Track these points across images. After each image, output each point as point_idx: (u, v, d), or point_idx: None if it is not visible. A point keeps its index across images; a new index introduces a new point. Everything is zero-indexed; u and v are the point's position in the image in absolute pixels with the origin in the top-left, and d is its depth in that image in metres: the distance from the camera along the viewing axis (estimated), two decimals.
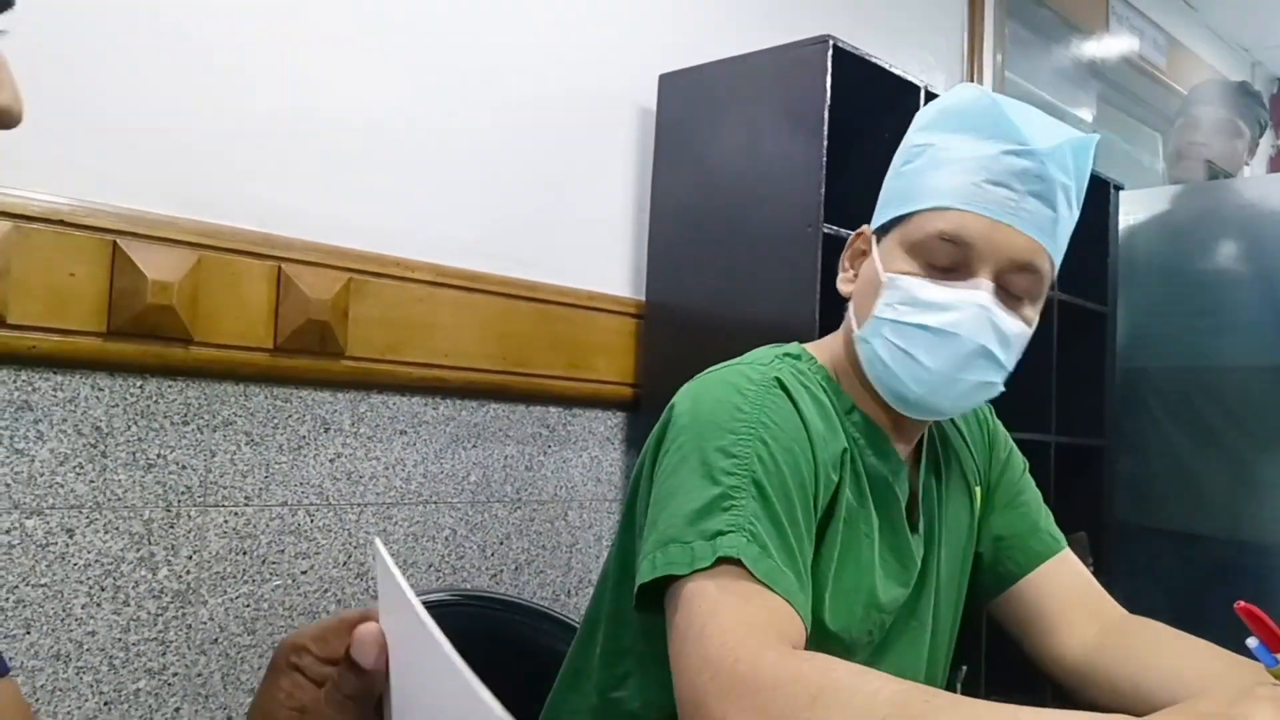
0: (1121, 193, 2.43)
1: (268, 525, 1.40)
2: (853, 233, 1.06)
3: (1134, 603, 1.12)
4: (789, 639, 0.80)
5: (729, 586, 0.80)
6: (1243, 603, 0.74)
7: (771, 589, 0.80)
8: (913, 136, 1.01)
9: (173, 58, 1.33)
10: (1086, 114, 3.59)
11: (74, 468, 1.23)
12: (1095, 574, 2.34)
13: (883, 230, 1.00)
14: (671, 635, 0.81)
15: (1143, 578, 2.50)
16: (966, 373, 0.95)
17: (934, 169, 0.95)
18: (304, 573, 1.44)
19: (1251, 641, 0.75)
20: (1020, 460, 1.22)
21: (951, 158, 0.95)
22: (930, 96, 1.82)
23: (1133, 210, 2.56)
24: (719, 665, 0.75)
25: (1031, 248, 0.93)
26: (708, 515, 0.83)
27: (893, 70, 1.77)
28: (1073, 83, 3.52)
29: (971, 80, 2.85)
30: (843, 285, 1.05)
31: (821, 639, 0.92)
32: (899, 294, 0.95)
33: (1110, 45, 3.62)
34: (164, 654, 1.30)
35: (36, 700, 1.20)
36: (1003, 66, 2.99)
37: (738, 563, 0.80)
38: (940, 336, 0.93)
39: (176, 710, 1.31)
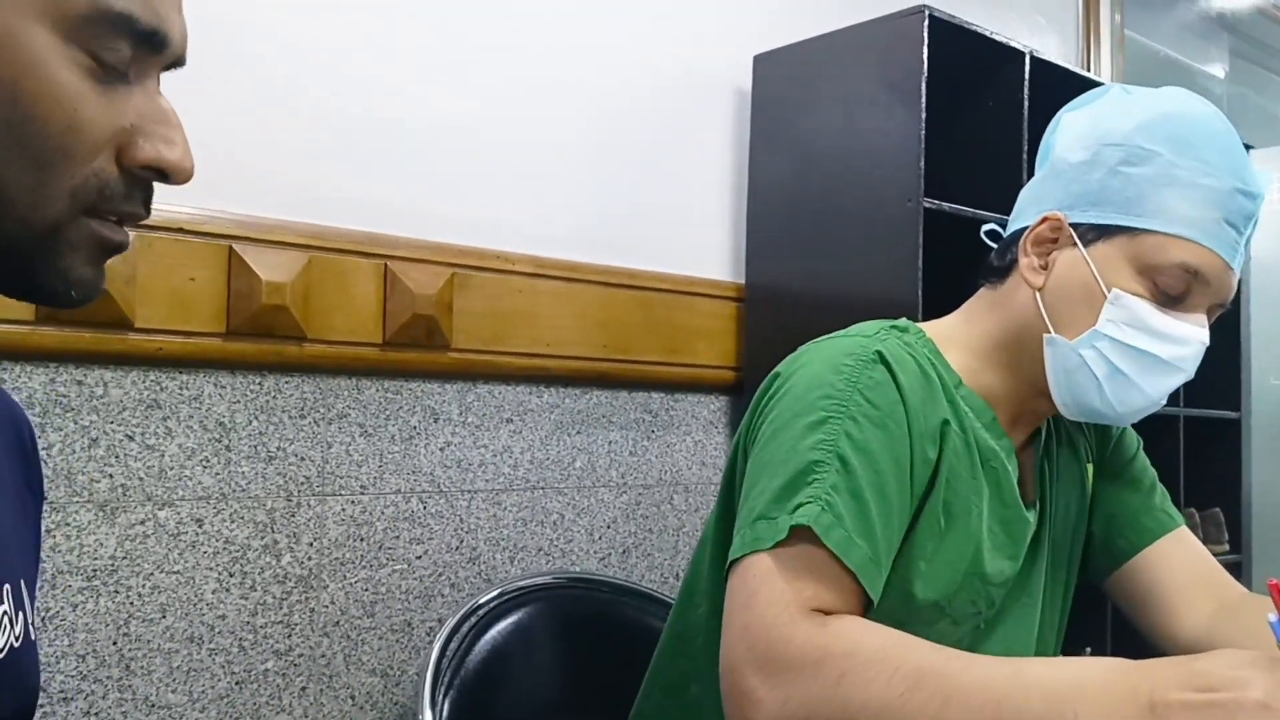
0: (1252, 152, 2.31)
1: (383, 512, 1.46)
2: (1039, 220, 0.98)
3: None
4: (843, 612, 0.82)
5: (793, 557, 0.82)
6: (1275, 580, 0.76)
7: (842, 560, 0.82)
8: (1134, 136, 0.95)
9: (279, 69, 1.39)
10: (1218, 70, 3.41)
11: (201, 461, 1.31)
12: (1230, 552, 2.24)
13: (1096, 231, 0.95)
14: (726, 599, 0.85)
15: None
16: (1165, 398, 0.98)
17: (1170, 188, 0.93)
18: (419, 558, 1.49)
19: (1271, 616, 0.77)
20: (1134, 437, 1.19)
21: (1187, 180, 0.93)
22: (1036, 62, 1.76)
23: (1263, 169, 2.42)
24: (755, 637, 0.79)
25: (1234, 288, 0.96)
26: (792, 490, 0.85)
27: (994, 37, 1.72)
28: (1201, 37, 3.35)
29: (1089, 43, 2.74)
30: (1031, 275, 0.99)
31: (914, 610, 0.93)
32: (1126, 314, 0.94)
33: None
34: (289, 636, 1.37)
35: (173, 680, 1.28)
36: (1122, 25, 2.87)
37: (810, 532, 0.82)
38: (1166, 368, 0.95)
39: (303, 689, 1.38)
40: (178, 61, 0.58)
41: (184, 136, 0.56)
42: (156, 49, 0.55)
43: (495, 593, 1.34)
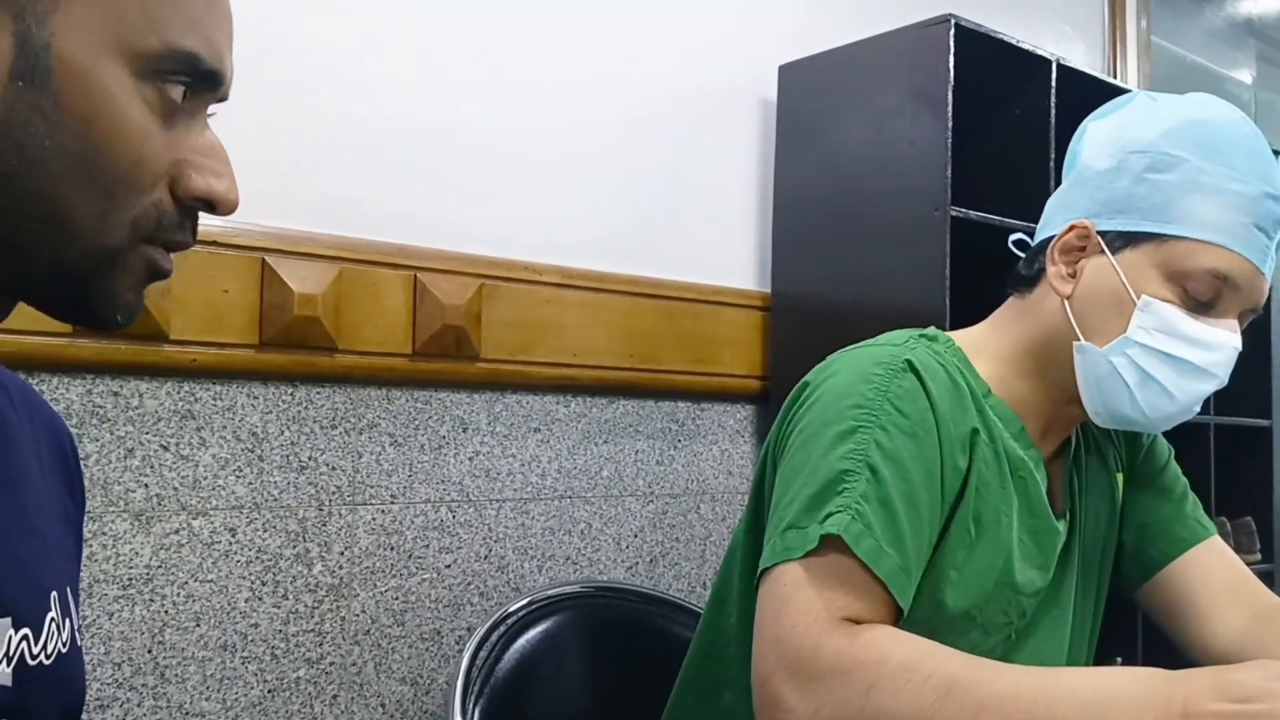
0: None
1: (413, 522, 1.47)
2: (1066, 229, 0.98)
3: None
4: (873, 621, 0.82)
5: (823, 566, 0.83)
6: None
7: (871, 569, 0.82)
8: (1160, 142, 0.95)
9: (309, 83, 1.41)
10: (1245, 76, 3.39)
11: (234, 471, 1.32)
12: (1262, 561, 2.21)
13: (1124, 239, 0.95)
14: (757, 609, 0.85)
15: None
16: (1198, 405, 0.97)
17: (1198, 193, 0.93)
18: (448, 566, 1.50)
19: None
20: (1165, 446, 1.18)
21: (1214, 186, 0.93)
22: (1063, 70, 1.76)
23: None
24: (786, 646, 0.80)
25: (1266, 293, 0.96)
26: (822, 499, 0.85)
27: (1020, 46, 1.72)
28: (1228, 43, 3.33)
29: (1115, 50, 2.73)
30: (1060, 283, 0.99)
31: (946, 620, 0.93)
32: (1156, 320, 0.93)
33: (1267, 0, 3.40)
34: (321, 644, 1.38)
35: (207, 688, 1.29)
36: (1148, 32, 2.85)
37: (840, 541, 0.83)
38: (1198, 373, 0.94)
39: (334, 698, 1.39)
40: (223, 98, 0.62)
41: (231, 170, 0.60)
42: (213, 87, 0.59)
43: (524, 601, 1.35)
